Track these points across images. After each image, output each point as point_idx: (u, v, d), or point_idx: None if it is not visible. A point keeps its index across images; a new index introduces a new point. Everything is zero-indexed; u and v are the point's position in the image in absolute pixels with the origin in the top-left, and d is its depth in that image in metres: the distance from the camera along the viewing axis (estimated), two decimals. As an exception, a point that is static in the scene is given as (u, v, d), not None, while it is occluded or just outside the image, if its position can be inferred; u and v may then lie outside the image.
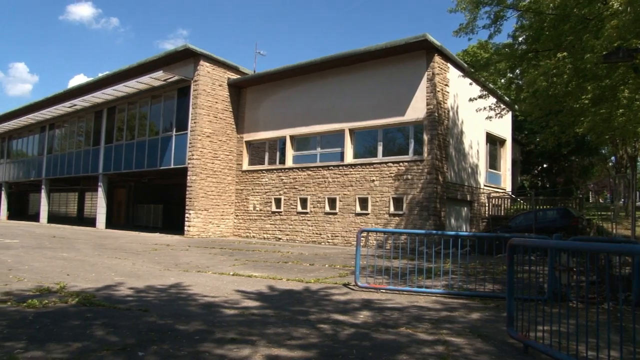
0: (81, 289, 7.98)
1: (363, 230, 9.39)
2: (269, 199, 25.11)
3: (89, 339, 5.06)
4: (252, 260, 14.04)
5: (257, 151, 26.72)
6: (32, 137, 40.96)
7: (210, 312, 6.62)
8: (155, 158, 26.98)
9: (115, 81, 28.53)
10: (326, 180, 22.82)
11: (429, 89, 20.08)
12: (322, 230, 22.69)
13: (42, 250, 15.09)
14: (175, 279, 9.60)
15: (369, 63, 21.98)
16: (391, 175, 20.71)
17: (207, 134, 25.14)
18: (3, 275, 9.41)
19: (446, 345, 5.30)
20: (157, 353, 4.61)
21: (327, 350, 4.92)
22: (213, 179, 25.50)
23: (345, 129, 22.52)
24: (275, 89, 25.65)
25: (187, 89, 25.57)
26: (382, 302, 7.84)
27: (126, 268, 11.24)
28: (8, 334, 5.13)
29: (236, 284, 9.30)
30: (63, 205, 51.03)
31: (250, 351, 4.78)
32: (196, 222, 24.57)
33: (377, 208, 20.96)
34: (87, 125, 33.70)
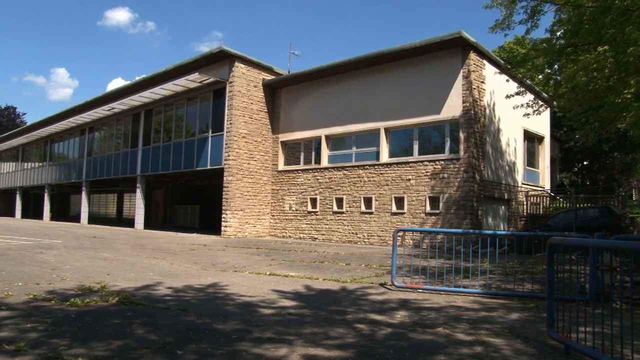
0: (121, 289, 8.12)
1: (399, 229, 9.33)
2: (305, 198, 25.18)
3: (129, 337, 5.15)
4: (289, 260, 14.09)
5: (292, 151, 26.81)
6: (72, 140, 41.86)
7: (248, 311, 6.67)
8: (192, 159, 27.30)
9: (152, 84, 28.97)
10: (362, 179, 22.77)
11: (465, 86, 19.86)
12: (358, 230, 22.64)
13: (83, 250, 15.42)
14: (212, 279, 9.70)
15: (404, 61, 21.85)
16: (427, 174, 20.54)
17: (243, 134, 25.33)
18: (47, 274, 9.65)
19: (485, 346, 5.23)
20: (195, 352, 4.66)
21: (364, 350, 4.90)
22: (249, 179, 25.67)
23: (380, 128, 22.44)
24: (310, 89, 25.70)
25: (222, 91, 25.80)
26: (419, 302, 7.78)
27: (164, 268, 11.41)
28: (53, 332, 5.26)
29: (273, 283, 9.35)
30: (103, 206, 52.07)
31: (287, 351, 4.79)
32: (232, 222, 24.77)
33: (413, 207, 20.82)
34: (125, 127, 34.29)
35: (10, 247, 15.70)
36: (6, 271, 9.91)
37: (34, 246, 16.26)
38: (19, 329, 5.33)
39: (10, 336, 5.01)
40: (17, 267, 10.61)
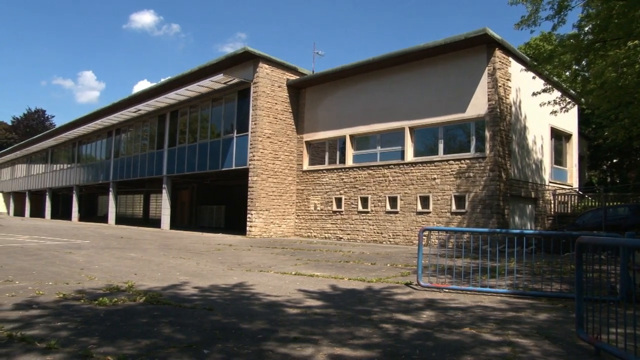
0: (148, 288, 8.21)
1: (425, 229, 9.28)
2: (330, 198, 25.18)
3: (156, 336, 5.20)
4: (314, 259, 14.10)
5: (317, 151, 26.83)
6: (100, 141, 42.45)
7: (273, 311, 6.68)
8: (217, 160, 27.48)
9: (177, 86, 29.26)
10: (387, 179, 22.70)
11: (490, 84, 19.66)
12: (384, 230, 22.58)
13: (110, 250, 15.62)
14: (238, 279, 9.75)
15: (428, 60, 21.72)
16: (452, 173, 20.40)
17: (268, 135, 25.42)
18: (76, 274, 9.80)
19: (512, 346, 5.17)
20: (221, 351, 4.69)
21: (390, 350, 4.88)
22: (274, 179, 25.76)
23: (405, 127, 22.34)
24: (334, 89, 25.69)
25: (247, 91, 25.93)
26: (446, 302, 7.73)
27: (190, 268, 11.50)
28: (82, 330, 5.33)
29: (298, 283, 9.36)
30: (129, 206, 52.72)
31: (313, 350, 4.80)
32: (258, 222, 24.88)
33: (439, 206, 20.69)
34: (151, 129, 34.67)
35: (40, 247, 15.99)
36: (37, 271, 10.09)
37: (63, 246, 16.52)
38: (50, 327, 5.42)
39: (42, 334, 5.10)
40: (47, 267, 10.80)
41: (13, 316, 5.91)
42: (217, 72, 25.93)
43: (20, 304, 6.63)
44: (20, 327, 5.38)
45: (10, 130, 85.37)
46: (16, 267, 10.61)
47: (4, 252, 14.06)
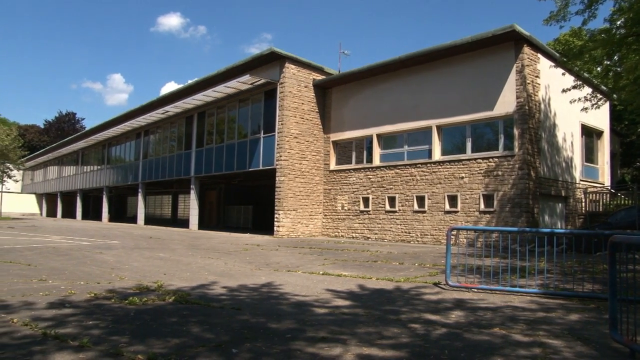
0: (177, 288, 8.28)
1: (453, 228, 9.19)
2: (357, 198, 25.14)
3: (185, 335, 5.24)
4: (342, 259, 14.09)
5: (344, 150, 26.81)
6: (128, 143, 43.01)
7: (301, 311, 6.69)
8: (244, 160, 27.63)
9: (204, 87, 29.51)
10: (414, 178, 22.58)
11: (519, 81, 19.42)
12: (411, 229, 22.46)
13: (140, 250, 15.82)
14: (266, 278, 9.79)
15: (455, 58, 21.55)
16: (480, 171, 20.21)
17: (294, 135, 25.48)
18: (106, 273, 9.94)
19: (543, 347, 5.10)
20: (250, 350, 4.71)
21: (419, 350, 4.85)
22: (301, 179, 25.81)
23: (432, 126, 22.20)
24: (361, 88, 25.64)
25: (273, 92, 26.02)
26: (475, 302, 7.65)
27: (219, 268, 11.58)
28: (113, 329, 5.41)
29: (326, 283, 9.36)
30: (158, 207, 53.31)
31: (341, 350, 4.79)
32: (285, 222, 24.95)
33: (467, 205, 20.51)
34: (179, 130, 35.00)
35: (72, 247, 16.26)
36: (69, 270, 10.27)
37: (94, 246, 16.78)
38: (82, 325, 5.51)
39: (75, 332, 5.19)
40: (78, 267, 10.98)
41: (47, 315, 6.02)
42: (244, 73, 26.07)
43: (53, 303, 6.75)
44: (54, 325, 5.48)
45: (42, 133, 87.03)
46: (49, 267, 10.82)
47: (38, 252, 14.34)
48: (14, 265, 11.09)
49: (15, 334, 5.15)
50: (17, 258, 12.50)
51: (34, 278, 9.05)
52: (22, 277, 9.20)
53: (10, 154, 46.26)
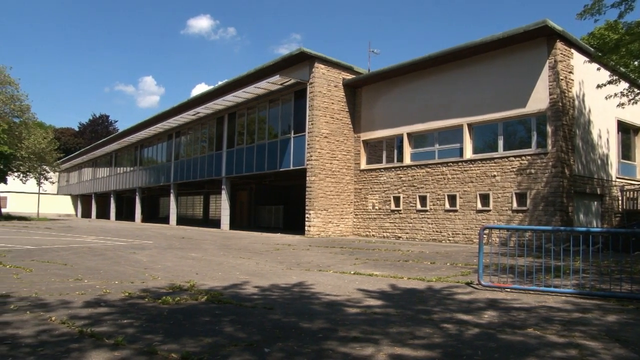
0: (210, 287, 8.35)
1: (485, 227, 9.08)
2: (388, 197, 25.04)
3: (218, 334, 5.28)
4: (373, 259, 14.05)
5: (374, 150, 26.73)
6: (160, 144, 43.55)
7: (333, 310, 6.69)
8: (275, 160, 27.74)
9: (234, 88, 29.72)
10: (445, 177, 22.40)
11: (551, 77, 19.11)
12: (443, 228, 22.29)
13: (172, 250, 16.00)
14: (297, 278, 9.81)
15: (486, 55, 21.30)
16: (513, 169, 19.94)
17: (325, 134, 25.49)
18: (140, 273, 10.08)
19: (579, 349, 5.00)
20: (282, 350, 4.72)
21: (452, 351, 4.81)
22: (332, 179, 25.81)
23: (463, 124, 21.99)
24: (390, 87, 25.54)
25: (303, 92, 26.07)
26: (508, 302, 7.55)
27: (250, 267, 11.64)
28: (147, 328, 5.48)
29: (357, 282, 9.34)
30: (190, 207, 53.87)
31: (373, 350, 4.77)
32: (316, 222, 24.98)
33: (499, 204, 20.27)
34: (210, 131, 35.31)
35: (106, 247, 16.53)
36: (104, 270, 10.44)
37: (128, 247, 17.04)
38: (117, 324, 5.60)
39: (110, 331, 5.27)
40: (113, 267, 11.16)
41: (83, 313, 6.13)
42: (274, 74, 26.18)
43: (89, 302, 6.88)
44: (89, 323, 5.58)
45: (77, 136, 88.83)
46: (85, 267, 11.02)
47: (73, 252, 14.62)
48: (51, 264, 11.33)
49: (53, 331, 5.26)
50: (54, 258, 12.76)
51: (70, 277, 9.23)
52: (59, 276, 9.39)
53: (47, 156, 47.26)
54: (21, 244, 17.30)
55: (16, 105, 42.73)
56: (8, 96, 41.92)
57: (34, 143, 44.01)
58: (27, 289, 7.87)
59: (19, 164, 45.06)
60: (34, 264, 11.28)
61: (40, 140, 45.21)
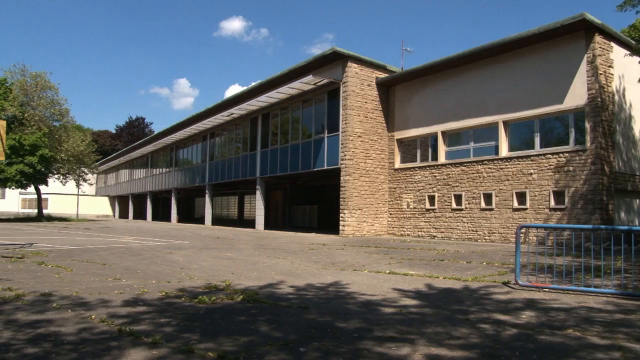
0: (245, 287, 8.40)
1: (522, 225, 8.94)
2: (423, 196, 24.86)
3: (254, 333, 5.31)
4: (408, 258, 13.97)
5: (408, 149, 26.57)
6: (195, 146, 44.04)
7: (368, 310, 6.66)
8: (309, 160, 27.79)
9: (267, 89, 29.86)
10: (480, 175, 22.13)
11: (590, 72, 18.70)
12: (478, 227, 22.03)
13: (208, 250, 16.16)
14: (332, 278, 9.80)
15: (521, 50, 20.96)
16: (550, 167, 19.59)
17: (358, 134, 25.44)
18: (176, 273, 10.21)
19: (623, 351, 4.86)
20: (317, 349, 4.72)
21: (489, 351, 4.74)
22: (366, 178, 25.74)
23: (498, 122, 21.68)
24: (424, 85, 25.34)
25: (336, 91, 26.06)
26: (546, 302, 7.42)
27: (285, 267, 11.68)
28: (184, 327, 5.54)
29: (392, 282, 9.29)
30: (225, 208, 54.35)
31: (409, 350, 4.73)
32: (350, 222, 24.94)
33: (536, 203, 19.93)
34: (244, 132, 35.55)
35: (143, 247, 16.79)
36: (141, 270, 10.60)
37: (164, 247, 17.27)
38: (155, 323, 5.67)
39: (148, 330, 5.35)
40: (150, 267, 11.32)
41: (122, 312, 6.24)
42: (307, 74, 26.23)
43: (128, 301, 6.99)
44: (128, 322, 5.67)
45: (114, 138, 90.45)
46: (123, 267, 11.20)
47: (112, 252, 14.89)
48: (90, 264, 11.56)
49: (94, 329, 5.36)
50: (93, 258, 13.02)
51: (109, 277, 9.39)
52: (98, 275, 9.57)
53: (85, 158, 48.25)
54: (62, 244, 17.71)
55: (56, 109, 43.78)
56: (48, 100, 42.97)
57: (73, 146, 44.94)
58: (68, 288, 8.05)
59: (59, 166, 46.10)
60: (74, 264, 11.53)
61: (79, 143, 46.15)
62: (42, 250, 15.16)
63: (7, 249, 15.09)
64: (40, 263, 11.52)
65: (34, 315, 6.04)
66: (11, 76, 42.42)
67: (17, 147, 38.57)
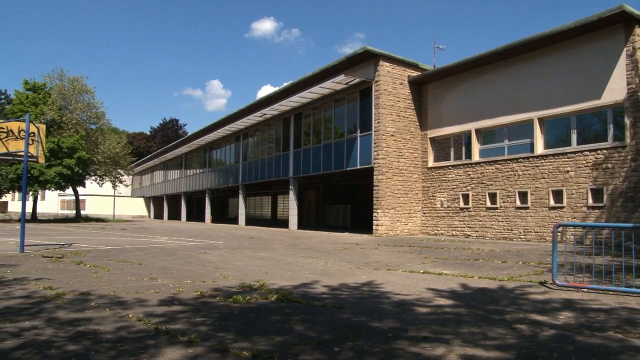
0: (279, 287, 8.43)
1: (559, 224, 8.77)
2: (457, 195, 24.62)
3: (288, 333, 5.32)
4: (442, 257, 13.85)
5: (441, 147, 26.34)
6: (228, 146, 44.40)
7: (403, 310, 6.62)
8: (342, 160, 27.76)
9: (299, 89, 29.94)
10: (515, 173, 21.80)
11: (629, 66, 18.25)
12: (513, 226, 21.71)
13: (242, 250, 16.27)
14: (366, 277, 9.77)
15: (557, 45, 20.56)
16: (588, 164, 19.18)
17: (391, 133, 25.31)
18: (211, 273, 10.30)
19: (666, 351, 4.74)
20: (352, 349, 4.71)
21: (526, 352, 4.65)
22: (399, 177, 25.61)
23: (533, 118, 21.32)
24: (457, 83, 25.08)
25: (368, 90, 25.99)
26: (585, 303, 7.26)
27: (319, 267, 11.69)
28: (219, 326, 5.59)
29: (427, 282, 9.22)
30: (258, 208, 54.69)
31: (444, 350, 4.69)
32: (384, 221, 24.84)
33: (573, 201, 19.55)
34: (277, 132, 35.70)
35: (178, 247, 17.00)
36: (176, 270, 10.73)
37: (199, 247, 17.46)
38: (190, 322, 5.73)
39: (184, 329, 5.41)
40: (185, 266, 11.45)
41: (158, 311, 6.32)
42: (338, 73, 26.21)
43: (163, 300, 7.08)
44: (164, 321, 5.74)
45: (149, 140, 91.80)
46: (158, 266, 11.36)
47: (147, 252, 15.11)
48: (127, 264, 11.75)
49: (131, 328, 5.45)
50: (130, 257, 13.23)
51: (145, 276, 9.53)
52: (135, 275, 9.72)
53: (121, 160, 49.05)
54: (99, 245, 18.05)
55: (92, 113, 44.65)
56: (85, 104, 43.84)
57: (109, 148, 45.74)
58: (105, 287, 8.19)
59: (96, 168, 47.01)
60: (111, 264, 11.73)
61: (114, 145, 46.94)
62: (81, 250, 15.48)
63: (47, 249, 15.47)
64: (79, 263, 11.76)
65: (74, 313, 6.17)
66: (50, 81, 43.48)
67: (55, 150, 39.42)
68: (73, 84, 43.02)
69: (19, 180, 39.70)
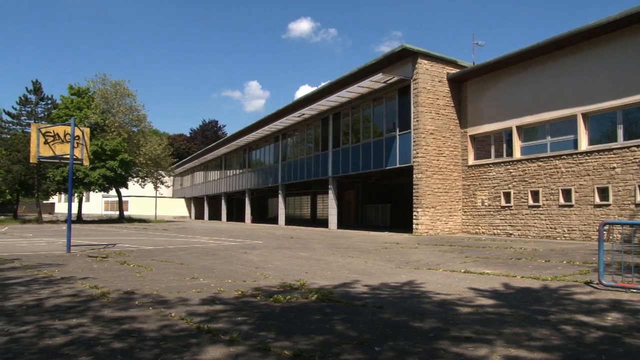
0: (319, 286, 8.44)
1: (606, 222, 8.54)
2: (498, 193, 24.24)
3: (329, 332, 5.31)
4: (483, 257, 13.66)
5: (482, 145, 25.98)
6: (267, 147, 44.69)
7: (444, 309, 6.55)
8: (381, 159, 27.65)
9: (337, 88, 29.93)
10: (558, 170, 21.35)
11: (677, 60, 17.68)
12: (557, 224, 21.26)
13: (282, 250, 16.35)
14: (406, 277, 9.71)
15: (600, 38, 20.02)
16: (635, 160, 18.65)
17: (430, 131, 25.09)
18: (251, 272, 10.37)
19: None
20: (393, 349, 4.67)
21: (572, 354, 4.54)
22: (439, 176, 25.37)
23: (577, 114, 20.84)
24: (497, 79, 24.69)
25: (407, 89, 25.82)
26: (634, 304, 7.05)
27: (359, 266, 11.66)
28: (260, 325, 5.62)
29: (468, 281, 9.11)
30: (298, 208, 54.86)
31: (487, 351, 4.61)
32: (424, 220, 24.64)
33: (620, 198, 19.04)
34: (315, 131, 35.77)
35: (219, 247, 17.19)
36: (217, 269, 10.85)
37: (239, 246, 17.61)
38: (232, 321, 5.78)
39: (225, 327, 5.46)
40: (226, 266, 11.56)
41: (200, 310, 6.40)
42: (376, 72, 26.11)
43: (205, 300, 7.16)
44: (206, 320, 5.81)
45: (189, 141, 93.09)
46: (199, 266, 11.50)
47: (189, 252, 15.32)
48: (169, 264, 11.94)
49: (174, 326, 5.54)
50: (172, 257, 13.43)
51: (186, 276, 9.66)
52: (177, 275, 9.87)
53: (162, 161, 49.90)
54: (142, 245, 18.39)
55: (134, 115, 45.61)
56: (127, 107, 44.80)
57: (150, 150, 46.60)
58: (148, 286, 8.34)
59: (138, 170, 47.98)
60: (154, 263, 11.94)
61: (155, 147, 47.78)
62: (124, 250, 15.80)
63: (92, 249, 15.85)
64: (123, 262, 12.00)
65: (118, 312, 6.30)
66: (93, 85, 44.59)
67: (99, 152, 40.34)
68: (115, 87, 44.00)
69: (65, 183, 40.78)
